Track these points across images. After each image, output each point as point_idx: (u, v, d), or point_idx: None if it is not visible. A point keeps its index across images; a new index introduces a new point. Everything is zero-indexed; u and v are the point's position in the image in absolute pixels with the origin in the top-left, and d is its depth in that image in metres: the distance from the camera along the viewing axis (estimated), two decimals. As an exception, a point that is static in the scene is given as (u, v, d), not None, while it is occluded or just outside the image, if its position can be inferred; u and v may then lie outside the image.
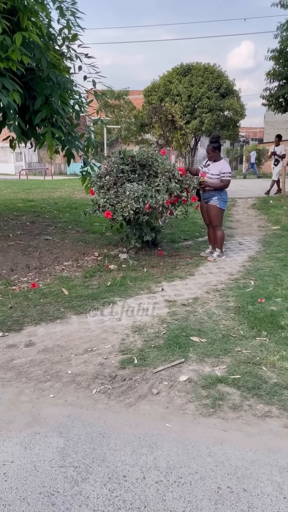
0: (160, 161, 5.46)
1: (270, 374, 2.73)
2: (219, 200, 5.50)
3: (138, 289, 4.42)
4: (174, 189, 5.13)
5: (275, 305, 3.83)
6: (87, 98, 6.42)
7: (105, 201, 5.12)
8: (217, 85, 22.62)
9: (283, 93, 12.93)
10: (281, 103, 13.63)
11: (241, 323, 3.50)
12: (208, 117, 22.06)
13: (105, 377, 2.75)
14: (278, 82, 13.32)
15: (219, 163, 5.48)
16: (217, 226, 5.62)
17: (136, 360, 2.92)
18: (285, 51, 12.41)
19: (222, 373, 2.74)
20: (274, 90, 13.46)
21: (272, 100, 13.66)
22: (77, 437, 2.21)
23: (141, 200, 5.00)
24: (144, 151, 5.52)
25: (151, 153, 5.51)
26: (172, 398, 2.52)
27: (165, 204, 5.05)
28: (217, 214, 5.55)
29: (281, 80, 13.18)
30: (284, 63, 12.61)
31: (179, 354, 2.99)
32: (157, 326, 3.49)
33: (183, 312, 3.79)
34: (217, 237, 5.66)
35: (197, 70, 22.92)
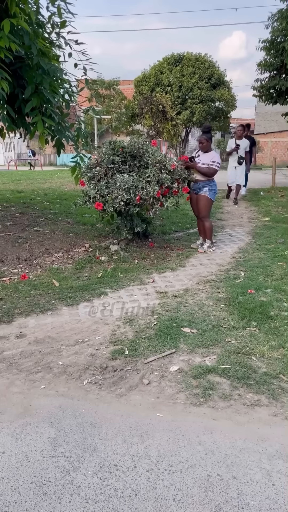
0: (150, 152, 5.44)
1: (260, 364, 2.77)
2: (209, 190, 5.50)
3: (129, 280, 4.42)
4: (165, 180, 5.12)
5: (264, 296, 3.87)
6: (77, 87, 6.34)
7: (96, 192, 5.09)
8: (208, 75, 22.50)
9: (274, 84, 12.91)
10: (272, 94, 13.61)
11: (231, 314, 3.53)
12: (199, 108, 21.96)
13: (96, 368, 2.76)
14: (269, 73, 13.28)
15: (209, 154, 5.49)
16: (205, 217, 5.63)
17: (127, 351, 2.94)
18: (276, 42, 12.38)
19: (212, 363, 2.77)
20: (265, 81, 13.42)
21: (263, 91, 13.63)
22: (69, 427, 2.22)
23: (132, 192, 4.98)
24: (135, 141, 5.49)
25: (142, 143, 5.48)
26: (162, 388, 2.54)
27: (156, 195, 5.04)
28: (206, 205, 5.55)
29: (272, 71, 13.15)
30: (275, 54, 12.58)
31: (170, 345, 3.01)
32: (148, 317, 3.51)
33: (173, 303, 3.80)
34: (205, 228, 5.67)
35: (188, 60, 22.76)
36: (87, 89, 6.06)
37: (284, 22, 11.68)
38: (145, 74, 24.03)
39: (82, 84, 6.10)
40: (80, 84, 6.25)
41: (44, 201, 9.24)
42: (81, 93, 6.17)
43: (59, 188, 11.80)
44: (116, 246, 5.56)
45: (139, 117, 19.51)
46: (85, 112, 6.50)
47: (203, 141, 5.49)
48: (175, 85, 22.41)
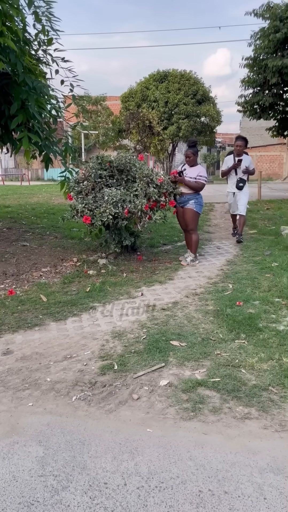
0: (137, 166, 5.49)
1: (249, 376, 2.76)
2: (195, 203, 5.56)
3: (117, 294, 4.41)
4: (152, 193, 5.16)
5: (253, 308, 3.89)
6: (65, 103, 6.40)
7: (84, 206, 5.09)
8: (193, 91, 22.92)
9: (257, 100, 13.21)
10: (256, 110, 13.92)
11: (220, 326, 3.53)
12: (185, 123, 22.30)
13: (85, 383, 2.73)
14: (252, 89, 13.61)
15: (196, 168, 5.57)
16: (193, 230, 5.67)
17: (116, 366, 2.91)
18: (259, 59, 12.72)
19: (202, 377, 2.76)
20: (249, 97, 13.73)
21: (247, 106, 13.93)
22: (57, 445, 2.18)
23: (120, 205, 5.01)
24: (122, 156, 5.54)
25: (129, 158, 5.53)
26: (152, 403, 2.52)
27: (144, 209, 5.07)
28: (193, 218, 5.60)
29: (256, 88, 13.48)
30: (258, 71, 12.91)
31: (159, 359, 2.99)
32: (137, 331, 3.49)
33: (162, 316, 3.79)
34: (192, 240, 5.71)
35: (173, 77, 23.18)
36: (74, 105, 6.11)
37: (266, 40, 12.03)
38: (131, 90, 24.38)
39: (69, 100, 6.16)
40: (68, 100, 6.31)
41: (32, 215, 9.21)
42: (68, 108, 6.22)
43: (46, 203, 11.78)
44: (104, 260, 5.55)
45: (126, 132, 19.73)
46: (72, 127, 6.55)
47: (190, 155, 5.56)
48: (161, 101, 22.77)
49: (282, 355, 2.99)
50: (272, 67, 11.74)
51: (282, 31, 11.59)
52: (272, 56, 12.25)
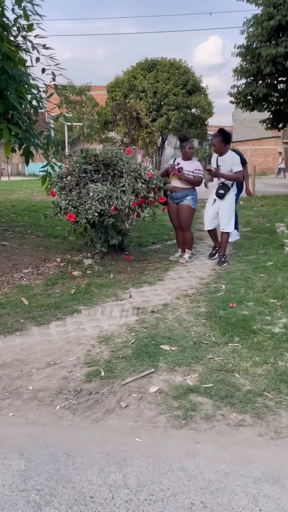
0: (125, 160, 5.48)
1: (243, 381, 2.79)
2: (192, 200, 5.59)
3: (104, 296, 4.40)
4: (141, 189, 5.16)
5: (246, 310, 3.92)
6: (46, 93, 6.36)
7: (67, 203, 5.07)
8: (183, 81, 23.00)
9: (250, 91, 13.29)
10: (249, 101, 14.01)
11: (212, 329, 3.55)
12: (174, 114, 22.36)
13: (70, 391, 2.72)
14: (245, 79, 13.70)
15: (193, 162, 5.64)
16: (188, 228, 5.72)
17: (103, 372, 2.91)
18: (252, 48, 12.80)
19: (194, 382, 2.77)
20: (242, 88, 13.82)
21: (240, 97, 14.01)
22: (40, 457, 2.17)
23: (106, 202, 5.00)
24: (108, 149, 5.52)
25: (115, 152, 5.52)
26: (141, 411, 2.52)
27: (131, 205, 5.07)
28: (190, 215, 5.65)
29: (249, 78, 13.57)
30: (251, 60, 12.99)
31: (149, 364, 3.00)
32: (125, 335, 3.49)
33: (152, 319, 3.80)
34: (187, 238, 5.75)
35: (162, 66, 23.22)
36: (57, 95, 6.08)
37: (259, 28, 12.11)
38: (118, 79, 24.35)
39: (51, 90, 6.12)
40: (49, 90, 6.27)
41: (12, 213, 9.13)
42: (50, 99, 6.18)
43: (27, 199, 11.70)
44: (90, 260, 5.54)
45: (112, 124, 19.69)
46: (55, 119, 6.51)
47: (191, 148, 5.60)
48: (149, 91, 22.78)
49: (277, 359, 3.02)
50: (265, 56, 11.84)
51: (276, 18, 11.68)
52: (265, 45, 12.35)
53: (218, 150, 5.49)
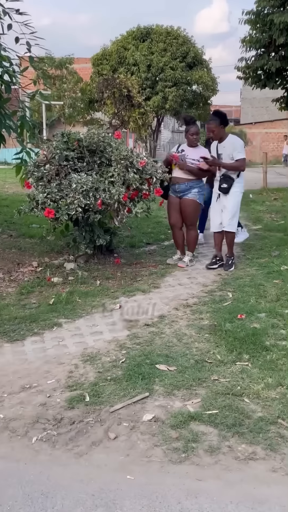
0: (114, 146, 5.49)
1: (254, 406, 2.79)
2: (198, 193, 5.63)
3: (89, 307, 4.39)
4: (133, 180, 5.17)
5: (257, 322, 3.93)
6: (20, 66, 6.35)
7: (46, 197, 5.06)
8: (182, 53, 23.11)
9: (261, 64, 13.35)
10: (260, 76, 14.07)
11: (217, 346, 3.56)
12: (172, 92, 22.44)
13: (49, 420, 2.71)
14: (255, 51, 13.77)
15: (199, 149, 5.68)
16: (193, 225, 5.78)
17: (88, 397, 2.90)
18: (263, 14, 12.87)
19: (196, 409, 2.77)
20: (251, 61, 13.89)
21: (249, 72, 14.08)
22: (13, 499, 2.16)
23: (92, 195, 5.00)
24: (94, 133, 5.53)
25: (103, 136, 5.53)
26: (133, 443, 2.51)
27: (122, 199, 5.07)
28: (195, 211, 5.70)
29: (259, 49, 13.63)
30: (262, 28, 13.05)
31: (142, 387, 3.00)
32: (114, 353, 3.49)
33: (146, 334, 3.80)
34: (191, 238, 5.80)
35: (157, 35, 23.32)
36: (32, 69, 6.07)
37: (271, -9, 12.15)
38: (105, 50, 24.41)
39: (26, 63, 6.11)
40: (24, 62, 6.26)
41: (-20, 208, 9.10)
42: (25, 73, 6.17)
43: (-2, 192, 11.67)
44: (72, 264, 5.53)
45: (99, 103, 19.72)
46: (30, 97, 6.50)
47: (197, 133, 5.66)
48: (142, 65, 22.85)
49: (294, 380, 3.04)
50: (279, 23, 11.92)
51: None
52: (279, 10, 12.44)
53: (217, 136, 5.46)
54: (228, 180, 5.44)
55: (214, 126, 5.43)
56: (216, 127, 5.42)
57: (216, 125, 5.41)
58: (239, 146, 5.43)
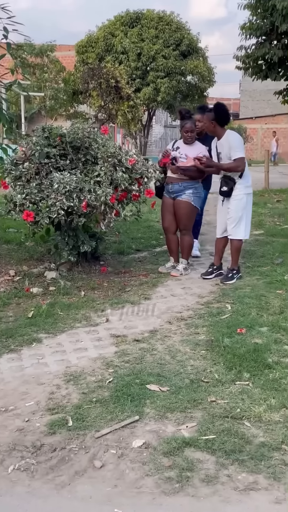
0: (100, 142, 5.50)
1: (255, 431, 2.79)
2: (193, 195, 5.64)
3: (73, 320, 4.39)
4: (121, 180, 5.18)
5: (259, 337, 3.94)
6: (-5, 53, 6.35)
7: (24, 198, 5.06)
8: (176, 40, 23.27)
9: (262, 54, 13.45)
10: (261, 67, 14.18)
11: (215, 363, 3.56)
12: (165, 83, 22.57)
13: (27, 447, 2.69)
14: (256, 38, 13.88)
15: (196, 146, 5.69)
16: (187, 230, 5.78)
17: (71, 422, 2.89)
18: (264, -2, 12.96)
19: (191, 434, 2.77)
20: (252, 49, 14.01)
21: (249, 62, 14.18)
22: (-13, 537, 2.13)
23: (76, 196, 5.00)
24: (78, 128, 5.54)
25: (88, 131, 5.54)
26: (122, 472, 2.50)
27: (109, 201, 5.08)
28: (189, 214, 5.71)
29: (260, 37, 13.75)
30: (263, 14, 13.16)
31: (131, 410, 2.99)
32: (100, 371, 3.48)
33: (136, 350, 3.80)
34: (185, 244, 5.80)
35: (148, 20, 23.47)
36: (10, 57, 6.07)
37: (273, -27, 12.28)
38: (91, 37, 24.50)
39: (3, 50, 6.12)
40: (0, 50, 6.27)
41: None
42: (1, 62, 6.18)
43: (-29, 193, 11.63)
44: (54, 273, 5.52)
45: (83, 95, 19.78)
46: (7, 87, 6.51)
47: (192, 129, 5.63)
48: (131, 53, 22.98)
49: (299, 401, 3.05)
50: (281, 9, 12.04)
51: None
52: (281, -6, 12.54)
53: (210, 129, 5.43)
54: (228, 182, 5.42)
55: (206, 120, 5.42)
56: (207, 121, 5.39)
57: (207, 119, 5.37)
58: (237, 144, 5.39)
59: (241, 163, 5.34)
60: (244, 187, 5.47)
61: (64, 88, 23.28)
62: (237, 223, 5.42)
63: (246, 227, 5.51)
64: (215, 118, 5.32)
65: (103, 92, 18.05)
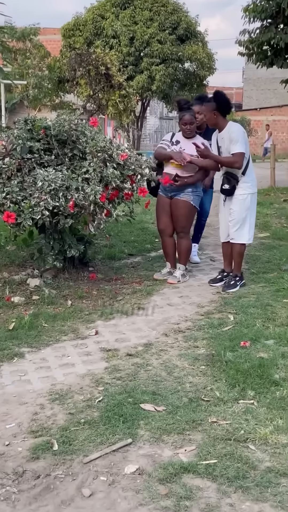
0: (89, 135, 5.51)
1: (261, 455, 2.79)
2: (193, 194, 5.66)
3: (58, 333, 4.38)
4: (112, 177, 5.18)
5: (265, 351, 3.95)
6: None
7: (5, 197, 5.05)
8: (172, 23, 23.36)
9: (268, 38, 13.49)
10: (266, 53, 14.21)
11: (216, 380, 3.56)
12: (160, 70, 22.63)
13: (8, 474, 2.68)
14: (260, 22, 13.93)
15: (197, 139, 5.69)
16: (184, 233, 5.81)
17: (56, 445, 2.88)
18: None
19: (190, 458, 2.76)
20: (256, 34, 14.05)
21: (252, 47, 14.22)
22: None
23: (62, 195, 5.00)
24: (64, 120, 5.54)
25: (75, 123, 5.55)
26: (113, 502, 2.50)
27: (99, 200, 5.08)
28: (188, 214, 5.74)
29: (265, 20, 13.80)
30: (268, -5, 13.19)
31: (124, 432, 2.98)
32: (89, 389, 3.47)
33: (128, 366, 3.79)
34: (183, 247, 5.81)
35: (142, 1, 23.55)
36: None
37: None
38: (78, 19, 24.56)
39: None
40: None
41: None
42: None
43: None
44: (37, 280, 5.51)
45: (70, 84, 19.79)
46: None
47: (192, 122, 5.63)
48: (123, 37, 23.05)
49: (309, 422, 3.05)
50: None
51: None
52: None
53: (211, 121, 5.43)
54: (230, 179, 5.40)
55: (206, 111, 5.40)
56: (208, 112, 5.38)
57: (208, 109, 5.36)
58: (237, 137, 5.32)
59: (239, 159, 5.28)
60: (248, 186, 5.47)
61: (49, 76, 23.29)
62: (240, 225, 5.42)
63: (250, 229, 5.51)
64: (216, 108, 5.31)
65: (92, 80, 18.06)
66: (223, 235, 5.70)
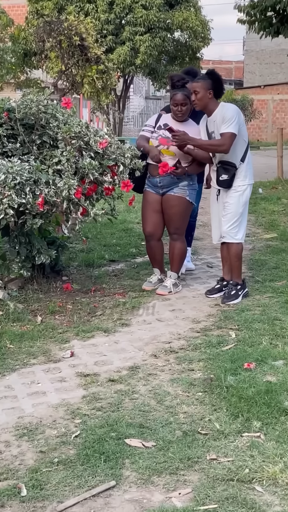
0: (61, 119, 5.51)
1: (269, 497, 2.79)
2: (189, 187, 5.66)
3: (26, 355, 4.38)
4: (89, 169, 5.18)
5: (273, 374, 3.96)
6: None
7: None
8: (159, -15, 23.41)
9: (273, 3, 13.57)
10: (270, 20, 14.29)
11: (215, 409, 3.56)
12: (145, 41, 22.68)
13: None
14: (264, -16, 14.02)
15: (189, 125, 5.68)
16: (179, 234, 5.80)
17: (25, 490, 2.86)
18: None
19: (185, 503, 2.76)
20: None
21: (255, 13, 14.30)
22: None
23: (29, 190, 4.99)
24: (31, 101, 5.54)
25: (45, 104, 5.54)
26: None
27: (73, 196, 5.08)
28: (184, 213, 5.75)
29: (269, -20, 13.89)
30: None
31: (106, 473, 2.97)
32: (64, 423, 3.47)
33: (111, 394, 3.79)
34: (176, 252, 5.81)
35: None
36: None
37: None
38: (48, -19, 24.52)
39: None
40: None
41: None
42: None
43: None
44: (1, 293, 5.49)
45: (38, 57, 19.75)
46: None
47: (184, 103, 5.55)
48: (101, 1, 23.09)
49: None
50: None
51: None
52: None
53: (201, 103, 5.37)
54: (228, 169, 5.40)
55: (199, 87, 5.31)
56: (202, 90, 5.30)
57: (204, 87, 5.31)
58: (231, 116, 5.33)
59: (227, 141, 5.26)
60: (247, 175, 5.49)
61: (13, 48, 23.25)
62: (236, 221, 5.43)
63: (245, 227, 5.59)
64: (212, 87, 5.32)
65: (64, 53, 18.02)
66: (215, 235, 5.74)
